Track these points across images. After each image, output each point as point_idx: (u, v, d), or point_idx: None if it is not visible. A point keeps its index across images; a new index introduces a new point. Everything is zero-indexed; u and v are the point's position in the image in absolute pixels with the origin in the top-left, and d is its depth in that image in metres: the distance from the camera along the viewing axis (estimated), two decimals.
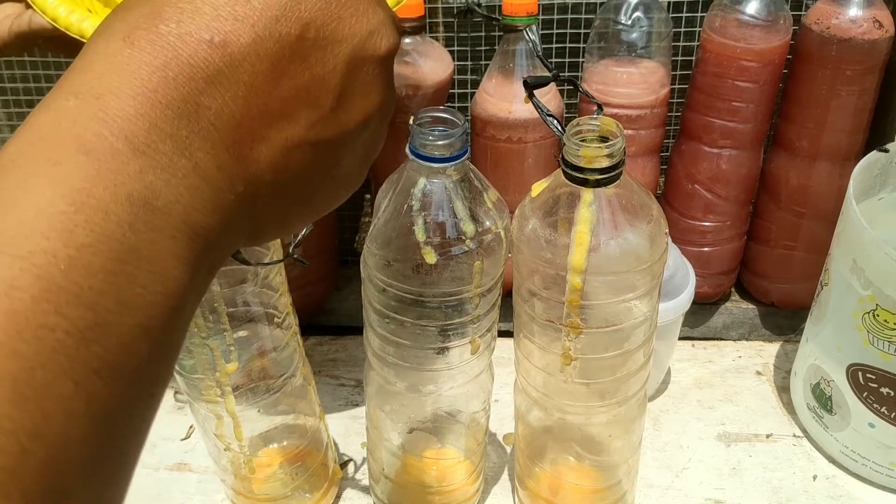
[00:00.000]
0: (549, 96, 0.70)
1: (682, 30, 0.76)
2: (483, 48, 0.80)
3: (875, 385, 0.60)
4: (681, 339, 0.75)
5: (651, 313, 0.49)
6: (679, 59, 0.76)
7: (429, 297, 0.47)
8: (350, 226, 0.87)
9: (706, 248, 0.76)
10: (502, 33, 0.69)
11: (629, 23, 0.68)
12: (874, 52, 0.65)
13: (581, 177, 0.43)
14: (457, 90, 0.80)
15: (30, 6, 0.54)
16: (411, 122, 0.44)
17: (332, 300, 0.82)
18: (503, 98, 0.69)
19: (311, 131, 0.26)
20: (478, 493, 0.63)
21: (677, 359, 0.77)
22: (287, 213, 0.28)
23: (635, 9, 0.68)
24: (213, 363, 0.50)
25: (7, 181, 0.20)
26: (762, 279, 0.79)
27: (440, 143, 0.43)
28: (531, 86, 0.45)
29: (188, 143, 0.22)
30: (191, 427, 0.71)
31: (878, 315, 0.57)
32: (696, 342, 0.80)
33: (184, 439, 0.70)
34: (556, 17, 0.77)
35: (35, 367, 0.18)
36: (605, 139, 0.43)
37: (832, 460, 0.66)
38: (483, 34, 0.80)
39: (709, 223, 0.75)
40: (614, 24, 0.69)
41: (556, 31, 0.77)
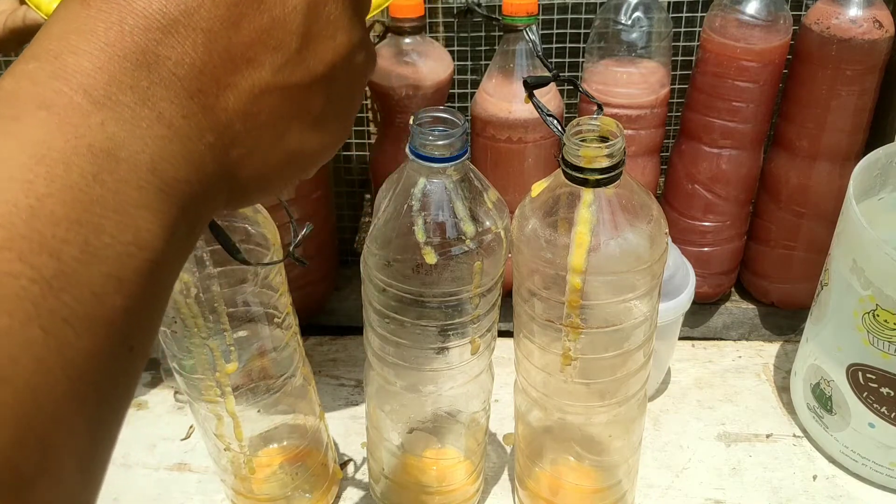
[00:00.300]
0: (549, 96, 0.70)
1: (682, 30, 0.76)
2: (483, 48, 0.80)
3: (875, 385, 0.60)
4: (681, 339, 0.75)
5: (651, 313, 0.49)
6: (679, 59, 0.76)
7: (429, 297, 0.47)
8: (350, 226, 0.87)
9: (706, 248, 0.76)
10: (502, 33, 0.69)
11: (629, 23, 0.68)
12: (874, 52, 0.65)
13: (581, 177, 0.43)
14: (457, 90, 0.80)
15: (24, 2, 0.54)
16: (411, 122, 0.44)
17: (332, 300, 0.82)
18: (503, 98, 0.69)
19: (278, 75, 0.25)
20: (478, 493, 0.63)
21: (677, 359, 0.77)
22: (268, 167, 0.27)
23: (635, 9, 0.68)
24: (213, 363, 0.50)
25: None
26: (762, 279, 0.79)
27: (440, 143, 0.43)
28: (531, 86, 0.45)
29: (150, 94, 0.22)
30: (191, 427, 0.71)
31: (878, 315, 0.57)
32: (696, 342, 0.80)
33: (184, 439, 0.70)
34: (556, 17, 0.77)
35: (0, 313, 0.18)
36: (605, 139, 0.43)
37: (832, 460, 0.66)
38: (483, 34, 0.80)
39: (709, 223, 0.75)
40: (614, 24, 0.69)
41: (556, 31, 0.77)
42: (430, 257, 0.45)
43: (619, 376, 0.50)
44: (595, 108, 0.45)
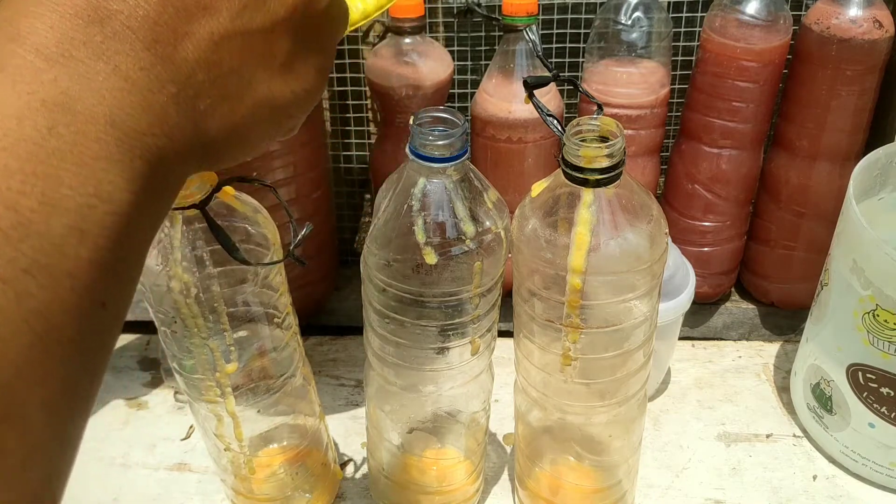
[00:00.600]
0: (549, 96, 0.70)
1: (682, 30, 0.76)
2: (483, 48, 0.80)
3: (875, 385, 0.60)
4: (681, 339, 0.75)
5: (651, 313, 0.49)
6: (679, 59, 0.76)
7: (429, 298, 0.47)
8: (350, 226, 0.87)
9: (706, 248, 0.76)
10: (502, 33, 0.70)
11: (629, 23, 0.68)
12: (874, 52, 0.65)
13: (581, 177, 0.43)
14: (457, 90, 0.80)
15: None
16: (411, 122, 0.44)
17: (332, 300, 0.82)
18: (503, 98, 0.69)
19: (237, 21, 0.25)
20: (478, 493, 0.63)
21: (677, 359, 0.77)
22: (239, 118, 0.27)
23: (635, 9, 0.68)
24: (213, 363, 0.50)
25: None
26: (762, 279, 0.79)
27: (440, 143, 0.43)
28: (531, 86, 0.45)
29: (104, 48, 0.22)
30: (191, 427, 0.71)
31: (878, 315, 0.57)
32: (696, 342, 0.80)
33: (184, 439, 0.70)
34: (556, 17, 0.77)
35: None
36: (605, 139, 0.43)
37: (832, 460, 0.66)
38: (483, 34, 0.80)
39: (709, 223, 0.75)
40: (614, 24, 0.69)
41: (556, 31, 0.77)
42: (430, 257, 0.45)
43: (619, 376, 0.50)
44: (595, 108, 0.45)
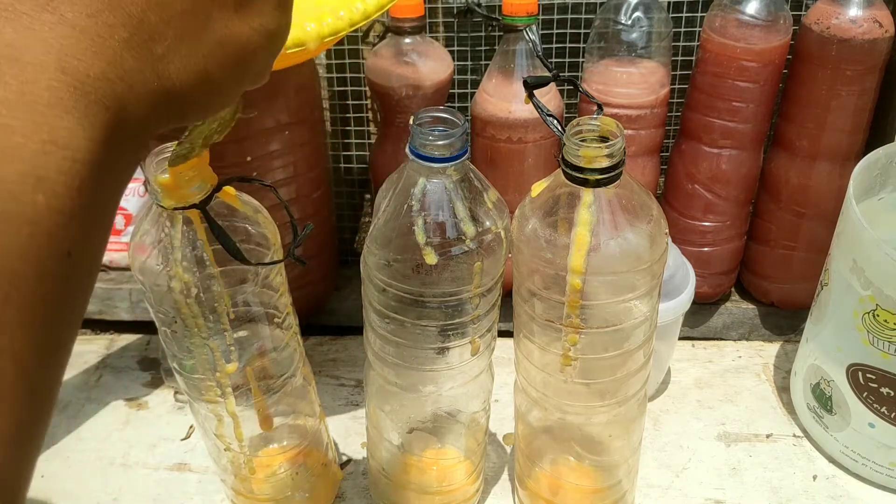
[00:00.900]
0: (549, 96, 0.70)
1: (682, 30, 0.76)
2: (483, 48, 0.80)
3: (875, 385, 0.60)
4: (681, 339, 0.75)
5: (651, 313, 0.49)
6: (679, 59, 0.76)
7: (429, 298, 0.47)
8: (350, 226, 0.87)
9: (706, 248, 0.76)
10: (502, 33, 0.70)
11: (629, 23, 0.68)
12: (874, 52, 0.65)
13: (581, 177, 0.43)
14: (457, 90, 0.80)
15: None
16: (411, 122, 0.44)
17: (332, 300, 0.82)
18: (503, 98, 0.69)
19: None
20: (478, 493, 0.63)
21: (677, 359, 0.77)
22: (201, 61, 0.27)
23: (635, 9, 0.68)
24: (214, 363, 0.50)
25: None
26: (762, 279, 0.79)
27: (440, 143, 0.43)
28: (531, 86, 0.45)
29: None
30: (191, 427, 0.71)
31: (878, 315, 0.57)
32: (696, 342, 0.80)
33: (184, 439, 0.70)
34: (556, 17, 0.77)
35: None
36: (605, 139, 0.43)
37: (832, 460, 0.66)
38: (483, 34, 0.80)
39: (709, 223, 0.75)
40: (614, 24, 0.69)
41: (556, 31, 0.77)
42: (431, 257, 0.45)
43: (619, 376, 0.50)
44: (595, 108, 0.45)
